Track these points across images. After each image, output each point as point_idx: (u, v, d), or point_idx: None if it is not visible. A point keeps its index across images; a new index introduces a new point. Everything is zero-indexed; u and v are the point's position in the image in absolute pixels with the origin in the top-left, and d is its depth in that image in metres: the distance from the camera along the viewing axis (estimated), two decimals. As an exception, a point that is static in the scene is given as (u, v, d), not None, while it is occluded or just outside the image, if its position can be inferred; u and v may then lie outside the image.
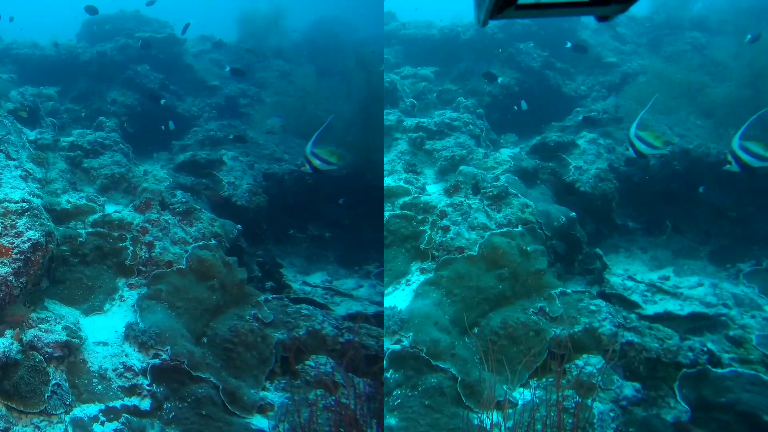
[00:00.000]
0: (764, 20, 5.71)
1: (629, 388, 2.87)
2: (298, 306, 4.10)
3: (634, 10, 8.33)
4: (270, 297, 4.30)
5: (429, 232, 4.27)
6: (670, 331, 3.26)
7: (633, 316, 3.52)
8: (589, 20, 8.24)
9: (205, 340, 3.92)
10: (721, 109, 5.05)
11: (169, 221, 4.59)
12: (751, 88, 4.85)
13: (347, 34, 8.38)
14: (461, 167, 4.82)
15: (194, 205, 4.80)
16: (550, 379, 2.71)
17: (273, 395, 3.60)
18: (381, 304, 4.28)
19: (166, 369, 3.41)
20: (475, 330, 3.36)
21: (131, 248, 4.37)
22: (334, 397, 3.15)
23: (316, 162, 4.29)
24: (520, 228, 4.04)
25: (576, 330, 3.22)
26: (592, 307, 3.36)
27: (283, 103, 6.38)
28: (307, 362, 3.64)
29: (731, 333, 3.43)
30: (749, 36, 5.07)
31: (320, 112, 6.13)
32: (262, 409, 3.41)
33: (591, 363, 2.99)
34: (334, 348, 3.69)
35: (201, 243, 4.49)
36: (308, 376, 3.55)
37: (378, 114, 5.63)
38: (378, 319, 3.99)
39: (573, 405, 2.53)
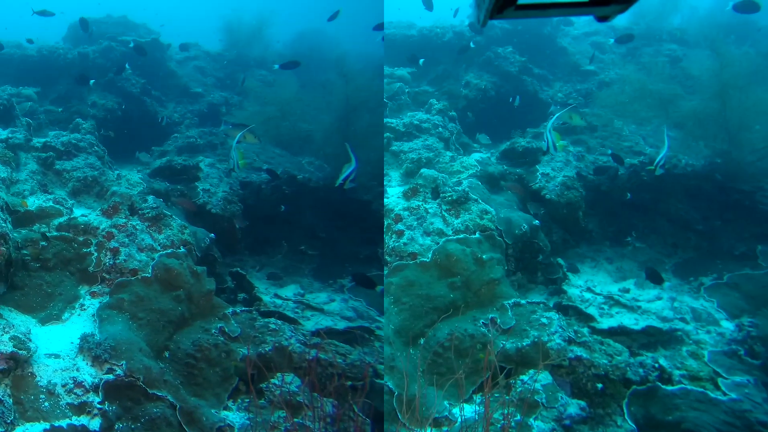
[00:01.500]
0: (736, 34, 5.91)
1: (574, 406, 2.80)
2: (266, 320, 3.99)
3: (614, 20, 8.55)
4: (239, 309, 4.18)
5: (384, 236, 4.19)
6: (621, 347, 3.22)
7: (585, 330, 3.48)
8: (569, 27, 8.28)
9: (166, 354, 3.78)
10: (690, 120, 5.07)
11: (137, 227, 4.47)
12: (718, 101, 4.85)
13: (330, 47, 8.48)
14: (422, 170, 4.73)
15: (165, 211, 4.69)
16: (496, 395, 2.66)
17: (234, 415, 3.46)
18: (352, 319, 4.19)
19: (120, 386, 3.26)
20: (422, 341, 3.27)
21: (96, 254, 4.23)
22: (297, 419, 3.04)
23: (233, 163, 4.43)
24: (477, 235, 3.93)
25: (525, 344, 3.14)
26: (544, 320, 3.28)
27: (263, 112, 6.38)
28: (272, 380, 3.51)
29: (684, 349, 3.42)
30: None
31: (301, 122, 6.14)
32: (221, 431, 3.26)
33: (537, 378, 2.91)
34: (301, 365, 3.58)
35: (169, 251, 4.37)
36: (272, 395, 3.42)
37: (358, 125, 5.64)
38: (348, 335, 3.90)
39: (513, 424, 2.46)
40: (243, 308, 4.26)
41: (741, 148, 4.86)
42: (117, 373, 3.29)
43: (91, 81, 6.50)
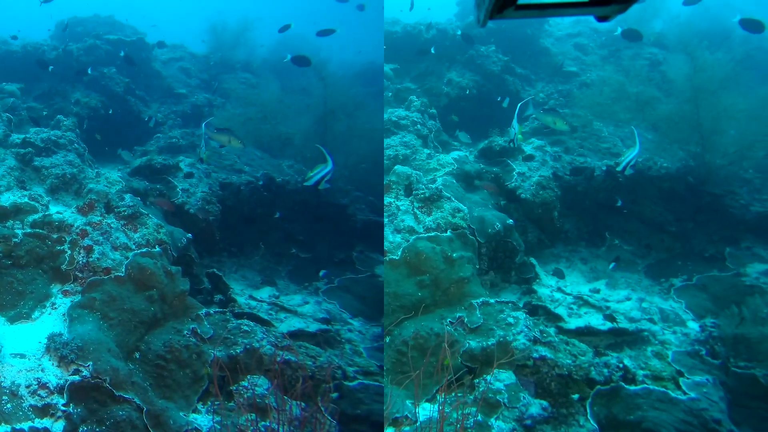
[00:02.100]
0: (710, 39, 6.02)
1: (536, 406, 2.80)
2: (239, 321, 3.96)
3: (597, 22, 8.59)
4: (212, 311, 4.14)
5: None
6: (585, 347, 3.22)
7: (552, 330, 3.47)
8: (552, 29, 8.32)
9: (137, 355, 3.73)
10: (665, 123, 5.14)
11: (112, 225, 4.42)
12: (691, 104, 4.94)
13: (312, 53, 8.53)
14: (396, 167, 4.70)
15: (141, 210, 4.64)
16: (459, 395, 2.65)
17: (203, 418, 3.41)
18: (325, 321, 4.18)
19: (85, 387, 3.21)
20: (387, 340, 3.24)
21: (69, 252, 4.17)
22: (264, 423, 3.01)
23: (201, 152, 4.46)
24: (449, 233, 3.91)
25: (490, 343, 3.12)
26: (510, 320, 3.28)
27: (244, 114, 6.38)
28: (242, 383, 3.48)
29: (650, 349, 3.44)
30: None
31: (281, 125, 6.15)
32: (189, 434, 3.21)
33: (500, 378, 2.91)
34: (272, 367, 3.55)
35: (144, 250, 4.32)
36: (242, 398, 3.38)
37: (336, 128, 5.64)
38: (320, 337, 3.87)
39: (472, 424, 2.46)
40: (217, 309, 4.22)
41: (713, 152, 4.94)
42: (83, 374, 3.24)
43: (50, 67, 6.46)
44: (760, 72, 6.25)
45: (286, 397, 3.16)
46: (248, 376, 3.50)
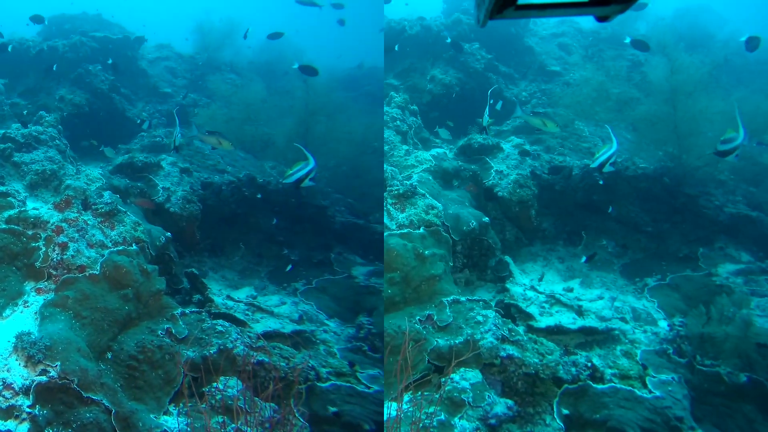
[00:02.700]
0: (690, 43, 6.09)
1: (501, 406, 2.78)
2: (214, 322, 3.92)
3: (582, 22, 8.71)
4: (188, 310, 4.09)
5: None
6: (553, 346, 3.22)
7: (521, 328, 3.46)
8: (537, 28, 8.35)
9: (109, 355, 3.67)
10: (643, 123, 5.19)
11: (88, 222, 4.36)
12: (669, 105, 4.99)
13: (296, 56, 8.50)
14: None
15: (119, 207, 4.59)
16: (426, 393, 2.64)
17: (174, 421, 3.36)
18: (300, 320, 4.14)
19: (52, 388, 3.15)
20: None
21: (44, 249, 4.11)
22: (234, 425, 2.98)
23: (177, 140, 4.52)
24: (421, 230, 3.89)
25: (457, 341, 3.10)
26: (479, 318, 3.26)
27: (229, 113, 6.37)
28: (214, 384, 3.44)
29: (619, 348, 3.44)
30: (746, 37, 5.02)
31: (264, 126, 6.15)
32: (158, 437, 3.16)
33: (467, 377, 2.89)
34: (245, 368, 3.51)
35: (120, 248, 4.26)
36: (214, 400, 3.34)
37: (316, 129, 5.62)
38: (293, 338, 3.85)
39: (435, 423, 2.45)
40: (193, 309, 4.17)
41: (690, 153, 5.01)
42: (51, 374, 3.18)
43: (9, 47, 6.38)
44: (737, 75, 6.36)
45: (257, 399, 3.12)
46: (221, 377, 3.46)
